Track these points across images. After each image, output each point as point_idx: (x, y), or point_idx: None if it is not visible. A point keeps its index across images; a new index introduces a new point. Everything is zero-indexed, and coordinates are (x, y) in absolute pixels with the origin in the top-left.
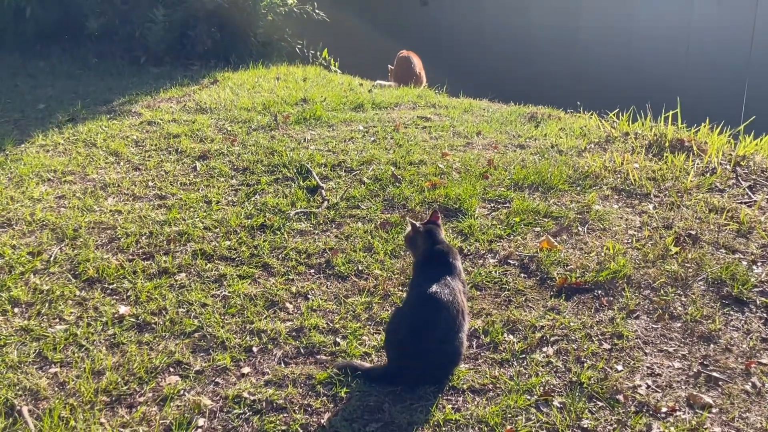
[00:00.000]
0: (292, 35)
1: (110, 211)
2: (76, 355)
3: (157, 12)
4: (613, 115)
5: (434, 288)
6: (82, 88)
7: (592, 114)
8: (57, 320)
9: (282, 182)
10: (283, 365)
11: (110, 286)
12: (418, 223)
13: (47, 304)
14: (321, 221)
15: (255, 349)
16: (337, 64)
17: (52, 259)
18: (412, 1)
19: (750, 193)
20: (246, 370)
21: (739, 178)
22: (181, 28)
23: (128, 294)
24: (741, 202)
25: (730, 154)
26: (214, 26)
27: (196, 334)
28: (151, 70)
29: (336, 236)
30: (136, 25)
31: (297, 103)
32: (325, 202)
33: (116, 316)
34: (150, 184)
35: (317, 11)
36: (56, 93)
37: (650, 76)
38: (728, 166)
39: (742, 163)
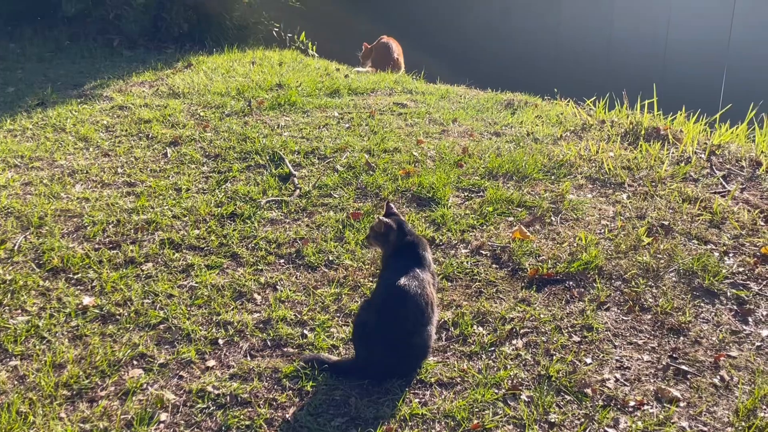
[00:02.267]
0: (269, 18)
1: (77, 198)
2: (37, 347)
3: None
4: (590, 102)
5: (403, 280)
6: (52, 71)
7: (569, 101)
8: (19, 311)
9: (254, 169)
10: (249, 358)
11: (75, 276)
12: (387, 219)
13: (9, 295)
14: (292, 210)
15: (221, 342)
16: (315, 47)
17: (16, 248)
18: None
19: (724, 182)
20: (211, 363)
21: (714, 167)
22: (157, 11)
23: (93, 284)
24: (715, 192)
25: (706, 143)
26: (190, 9)
27: (161, 326)
28: (124, 53)
29: (307, 225)
30: (110, 7)
31: (272, 88)
32: (297, 191)
33: (80, 307)
34: (119, 170)
35: None
36: (26, 76)
37: (629, 63)
38: (703, 155)
39: (717, 152)
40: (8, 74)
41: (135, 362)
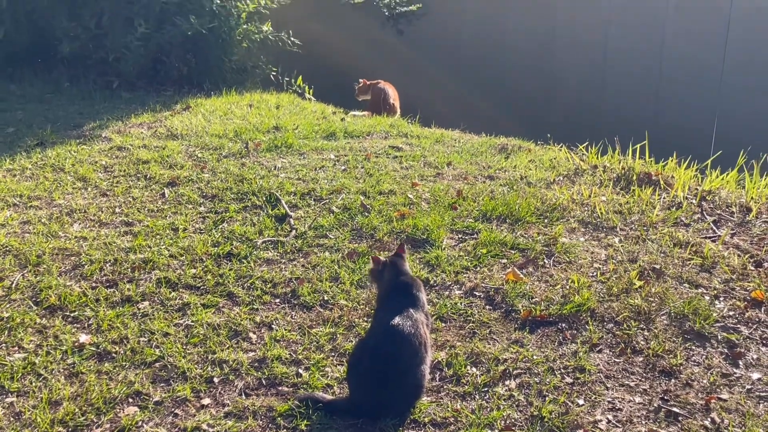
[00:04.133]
0: (266, 62)
1: (75, 237)
2: (33, 384)
3: (132, 37)
4: (583, 147)
5: (397, 320)
6: (52, 112)
7: (561, 146)
8: (16, 348)
9: (251, 210)
10: (244, 396)
11: (72, 314)
12: (381, 257)
13: (6, 332)
14: (288, 250)
15: (216, 380)
16: (311, 91)
17: (13, 285)
18: (388, 30)
19: (714, 227)
20: (206, 401)
21: (704, 212)
22: (157, 54)
23: (90, 322)
24: (705, 237)
25: (697, 189)
26: (189, 52)
27: (157, 364)
28: (123, 95)
29: (303, 265)
30: (109, 49)
31: (269, 130)
32: (293, 231)
33: (76, 344)
34: (117, 210)
35: (292, 39)
36: (26, 116)
37: (621, 110)
38: (694, 201)
39: (707, 197)
40: (8, 115)
41: (131, 400)
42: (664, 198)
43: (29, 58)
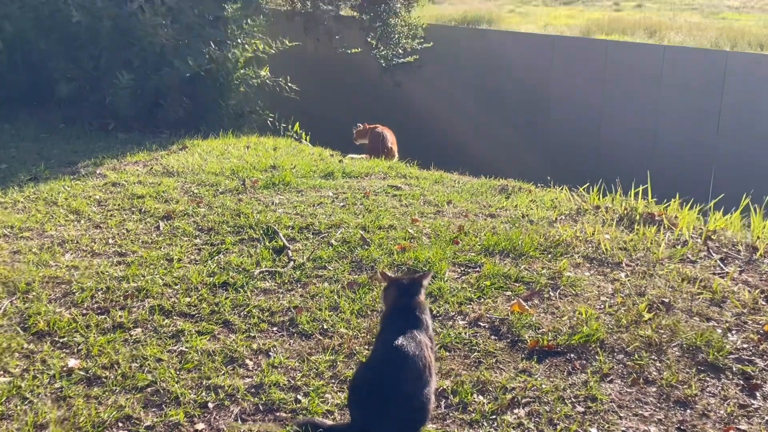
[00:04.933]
0: (263, 107)
1: (67, 266)
2: (18, 408)
3: (122, 78)
4: (583, 189)
5: (400, 341)
6: (46, 150)
7: (563, 188)
8: (1, 373)
9: (247, 243)
10: (240, 422)
11: (61, 340)
12: (387, 273)
13: None
14: (286, 280)
15: (211, 405)
16: (308, 137)
17: (1, 311)
18: (386, 79)
19: (722, 264)
20: (200, 426)
21: (711, 250)
22: (153, 97)
23: (79, 348)
24: (713, 273)
25: (701, 229)
26: (186, 96)
27: (148, 389)
28: (119, 136)
29: (301, 295)
30: (106, 91)
31: (266, 169)
32: (291, 262)
33: (65, 369)
34: (110, 241)
35: (290, 84)
36: (20, 154)
37: (619, 159)
38: (699, 240)
39: (712, 237)
40: (2, 152)
41: (120, 424)
42: (669, 237)
43: (25, 99)
